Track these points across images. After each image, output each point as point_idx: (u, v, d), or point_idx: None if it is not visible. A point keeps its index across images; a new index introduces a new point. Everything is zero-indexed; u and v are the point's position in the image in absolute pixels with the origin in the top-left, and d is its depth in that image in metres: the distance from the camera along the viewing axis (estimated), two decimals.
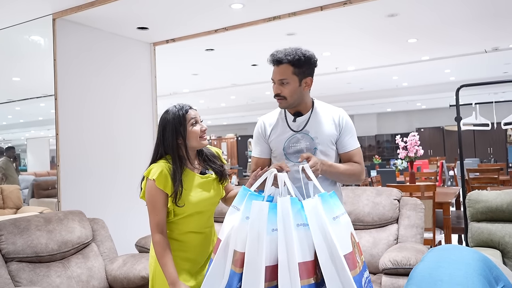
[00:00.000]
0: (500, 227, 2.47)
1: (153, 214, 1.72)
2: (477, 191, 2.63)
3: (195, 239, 1.81)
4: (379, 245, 2.80)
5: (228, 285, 1.44)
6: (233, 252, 1.46)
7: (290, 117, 1.83)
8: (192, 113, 1.78)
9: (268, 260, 1.39)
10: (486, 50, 5.89)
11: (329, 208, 1.46)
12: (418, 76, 8.43)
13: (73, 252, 2.64)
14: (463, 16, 4.44)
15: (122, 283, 2.59)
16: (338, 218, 1.47)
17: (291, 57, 1.71)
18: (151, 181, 1.70)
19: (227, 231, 1.51)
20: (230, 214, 1.55)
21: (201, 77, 7.42)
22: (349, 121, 1.85)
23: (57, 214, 2.71)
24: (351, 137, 1.83)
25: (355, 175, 1.81)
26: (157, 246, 1.70)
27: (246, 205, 1.49)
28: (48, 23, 3.39)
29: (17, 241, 2.41)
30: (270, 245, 1.40)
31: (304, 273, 1.37)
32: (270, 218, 1.42)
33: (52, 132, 3.52)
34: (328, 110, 1.85)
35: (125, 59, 4.04)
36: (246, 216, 1.46)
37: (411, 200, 2.96)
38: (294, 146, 1.79)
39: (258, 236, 1.40)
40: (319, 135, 1.78)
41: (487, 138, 12.97)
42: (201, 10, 3.48)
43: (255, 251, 1.39)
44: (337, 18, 4.22)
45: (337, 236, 1.40)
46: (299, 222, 1.41)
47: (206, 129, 1.80)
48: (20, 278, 2.34)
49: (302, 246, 1.39)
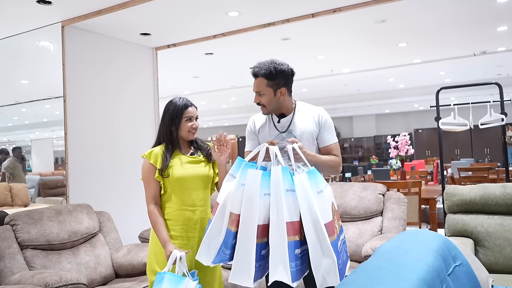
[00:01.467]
0: (473, 218, 2.67)
1: (147, 187, 2.03)
2: (454, 186, 2.85)
3: (183, 215, 2.02)
4: (364, 236, 3.01)
5: (224, 242, 1.68)
6: (229, 214, 1.69)
7: (276, 118, 2.06)
8: (190, 111, 2.09)
9: (260, 220, 1.62)
10: (475, 53, 6.09)
11: (314, 183, 1.68)
12: (414, 78, 8.62)
13: (81, 241, 2.87)
14: (451, 22, 4.65)
15: (127, 270, 2.83)
16: (322, 192, 1.68)
17: (264, 71, 1.92)
18: (145, 158, 2.05)
19: (224, 196, 1.73)
20: (227, 181, 1.77)
21: (201, 80, 7.64)
22: (328, 118, 2.08)
23: (67, 207, 2.95)
24: (330, 132, 2.06)
25: (334, 166, 2.03)
26: (151, 215, 2.01)
27: (242, 173, 1.71)
28: (57, 30, 3.63)
29: (31, 230, 2.64)
30: (262, 207, 1.63)
31: (291, 231, 1.60)
32: (263, 183, 1.65)
33: (56, 134, 3.70)
34: (309, 110, 2.08)
35: (129, 63, 4.28)
36: (241, 183, 1.68)
37: (394, 194, 3.17)
38: (280, 144, 1.99)
39: (252, 199, 1.63)
40: (301, 133, 2.01)
41: (484, 139, 13.15)
42: (200, 17, 3.71)
43: (249, 212, 1.63)
44: (329, 23, 4.44)
45: (320, 208, 1.63)
46: (288, 188, 1.64)
47: (196, 127, 2.11)
48: (34, 263, 2.57)
49: (289, 209, 1.61)
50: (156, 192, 2.03)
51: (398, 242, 1.46)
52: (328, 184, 1.78)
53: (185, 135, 2.09)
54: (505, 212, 2.60)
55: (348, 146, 15.64)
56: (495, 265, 2.50)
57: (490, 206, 2.62)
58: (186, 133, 2.08)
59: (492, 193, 2.63)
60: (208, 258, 1.71)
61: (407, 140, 5.11)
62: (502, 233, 2.53)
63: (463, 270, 1.52)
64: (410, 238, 1.52)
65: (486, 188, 2.69)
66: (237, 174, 1.72)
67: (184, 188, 2.03)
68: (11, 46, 4.13)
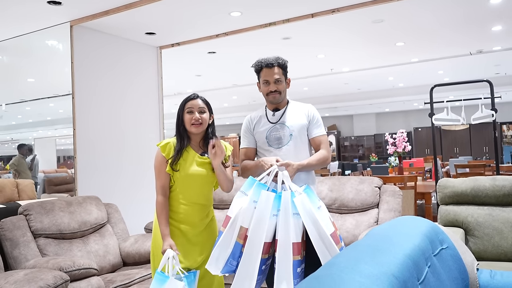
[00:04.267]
0: (464, 209, 2.80)
1: (158, 177, 2.09)
2: (446, 178, 2.98)
3: (187, 210, 2.09)
4: (361, 227, 3.14)
5: (232, 253, 1.87)
6: (239, 228, 1.87)
7: (270, 113, 2.26)
8: (192, 103, 2.11)
9: (267, 238, 1.82)
10: (471, 52, 6.21)
11: (313, 201, 1.91)
12: (413, 77, 8.73)
13: (91, 231, 3.01)
14: (447, 21, 4.76)
15: (134, 258, 2.97)
16: (321, 207, 1.92)
17: (280, 61, 2.19)
18: (158, 149, 2.10)
19: (236, 211, 1.91)
20: (238, 198, 1.95)
21: (204, 78, 7.76)
22: (316, 113, 2.28)
23: (77, 199, 3.09)
24: (318, 126, 2.26)
25: (324, 162, 2.22)
26: (158, 205, 2.07)
27: (254, 192, 1.89)
28: (66, 29, 3.76)
29: (44, 220, 2.78)
30: (270, 227, 1.83)
31: (295, 251, 1.80)
32: (273, 205, 1.85)
33: (59, 132, 3.79)
34: (300, 106, 2.30)
35: (134, 62, 4.42)
36: (253, 200, 1.88)
37: (390, 187, 3.30)
38: (274, 134, 2.21)
39: (263, 219, 1.83)
40: (293, 124, 2.21)
41: (483, 137, 13.27)
42: (203, 17, 3.84)
43: (258, 230, 1.82)
44: (328, 23, 4.56)
45: (323, 221, 1.83)
46: (294, 212, 1.84)
47: (197, 118, 2.08)
48: (47, 251, 2.71)
49: (295, 230, 1.82)
50: (165, 183, 2.08)
51: (389, 226, 1.59)
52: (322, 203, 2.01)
53: (189, 129, 2.10)
54: (494, 203, 2.73)
55: (349, 144, 15.74)
56: (484, 253, 2.63)
57: (480, 197, 2.75)
58: (189, 126, 2.08)
59: (482, 185, 2.76)
60: (216, 268, 1.89)
61: (404, 137, 5.24)
62: (491, 222, 2.66)
63: (449, 253, 1.65)
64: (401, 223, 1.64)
65: (476, 180, 2.82)
66: (249, 192, 1.91)
67: (190, 185, 2.09)
68: (20, 45, 4.24)
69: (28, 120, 4.65)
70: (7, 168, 4.67)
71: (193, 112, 2.09)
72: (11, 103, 4.49)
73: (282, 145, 2.17)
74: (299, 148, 2.20)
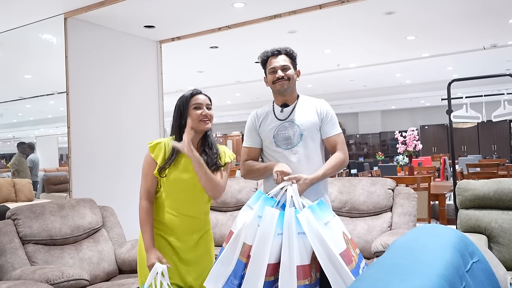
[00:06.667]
0: (487, 214, 2.60)
1: (144, 180, 1.89)
2: (466, 180, 2.77)
3: (173, 221, 1.86)
4: (373, 232, 2.94)
5: (234, 271, 1.68)
6: (242, 244, 1.69)
7: (278, 109, 2.04)
8: (199, 98, 1.90)
9: (271, 259, 1.63)
10: (485, 47, 5.99)
11: (319, 217, 1.70)
12: (421, 73, 8.52)
13: (84, 237, 2.82)
14: (460, 13, 4.55)
15: (131, 265, 2.77)
16: (329, 223, 1.70)
17: (287, 50, 2.03)
18: (148, 150, 1.89)
19: (240, 226, 1.73)
20: (244, 211, 1.78)
21: (206, 75, 7.59)
22: (330, 110, 2.05)
23: (69, 201, 2.90)
24: (332, 124, 2.03)
25: (340, 167, 1.99)
26: (142, 211, 1.87)
27: (260, 206, 1.72)
28: (60, 22, 3.58)
29: (33, 225, 2.59)
30: (274, 247, 1.64)
31: (301, 275, 1.60)
32: (278, 223, 1.66)
33: (60, 130, 3.66)
34: (311, 101, 2.07)
35: (133, 57, 4.22)
36: (258, 215, 1.70)
37: (404, 189, 3.10)
38: (282, 133, 1.99)
39: (266, 237, 1.64)
40: (304, 122, 1.99)
41: (491, 135, 13.02)
42: (205, 9, 3.64)
43: (262, 250, 1.63)
44: (336, 16, 4.36)
45: (330, 239, 1.63)
46: (300, 231, 1.65)
47: (206, 114, 1.88)
48: (36, 258, 2.52)
49: (301, 252, 1.62)
50: (151, 187, 1.88)
51: (413, 237, 1.41)
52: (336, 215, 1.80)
53: (196, 125, 1.85)
54: None
55: (354, 142, 15.56)
56: (510, 262, 2.43)
57: (504, 201, 2.54)
58: (197, 123, 1.85)
59: (506, 187, 2.55)
60: (216, 286, 1.71)
61: (415, 135, 5.02)
62: None
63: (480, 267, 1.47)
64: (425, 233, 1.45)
65: (500, 182, 2.61)
66: (255, 206, 1.74)
67: (178, 193, 1.87)
68: (14, 39, 4.08)
69: (29, 118, 4.55)
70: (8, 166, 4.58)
71: (201, 107, 1.88)
72: (10, 100, 4.37)
73: (292, 146, 1.95)
74: (310, 150, 1.97)
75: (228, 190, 3.48)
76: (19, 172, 4.47)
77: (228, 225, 3.37)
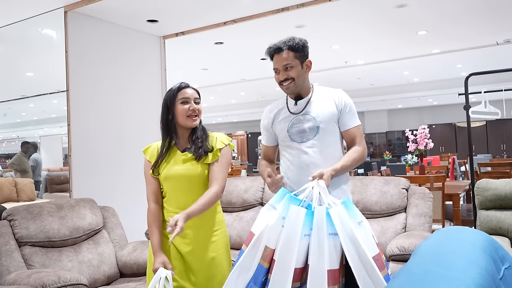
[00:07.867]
0: (509, 215, 2.46)
1: (147, 184, 1.88)
2: (486, 180, 2.62)
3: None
4: (387, 234, 2.79)
5: (254, 277, 1.53)
6: (264, 248, 1.53)
7: (291, 102, 1.91)
8: (186, 92, 1.82)
9: (298, 264, 1.48)
10: (498, 42, 5.81)
11: (352, 214, 1.55)
12: (429, 71, 8.35)
13: (84, 238, 2.69)
14: (474, 7, 4.39)
15: (132, 269, 2.64)
16: (362, 222, 1.56)
17: (290, 43, 1.83)
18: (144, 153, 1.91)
19: (261, 228, 1.57)
20: (266, 211, 1.62)
21: (210, 72, 7.46)
22: (349, 100, 1.91)
23: (68, 201, 2.77)
24: (351, 115, 1.89)
25: (359, 160, 1.86)
26: (148, 214, 1.84)
27: (284, 206, 1.57)
28: (60, 16, 3.45)
29: (30, 226, 2.47)
30: (301, 249, 1.48)
31: (331, 280, 1.45)
32: (305, 223, 1.50)
33: (64, 130, 3.56)
34: (328, 91, 1.92)
35: (136, 53, 4.09)
36: (282, 216, 1.54)
37: (419, 189, 2.95)
38: (297, 126, 1.86)
39: (292, 240, 1.48)
40: (320, 114, 1.85)
41: (500, 134, 12.80)
42: (210, 2, 3.51)
43: (287, 254, 1.48)
44: (346, 10, 4.21)
45: (364, 240, 1.49)
46: (331, 232, 1.49)
47: (194, 109, 1.81)
48: (33, 261, 2.39)
49: (331, 255, 1.47)
50: (154, 189, 1.86)
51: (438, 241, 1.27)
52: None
53: (183, 121, 1.81)
54: None
55: None
56: None
57: None
58: (184, 118, 1.80)
59: None
60: None
61: (426, 133, 4.87)
62: None
63: None
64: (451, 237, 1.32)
65: None
66: (278, 206, 1.59)
67: (174, 189, 1.83)
68: (15, 35, 3.97)
69: (32, 117, 4.52)
70: None
71: (189, 102, 1.81)
72: (13, 99, 4.28)
73: (308, 140, 1.81)
74: (328, 143, 1.83)
75: (234, 189, 3.34)
76: (19, 171, 4.41)
77: (234, 226, 3.23)
